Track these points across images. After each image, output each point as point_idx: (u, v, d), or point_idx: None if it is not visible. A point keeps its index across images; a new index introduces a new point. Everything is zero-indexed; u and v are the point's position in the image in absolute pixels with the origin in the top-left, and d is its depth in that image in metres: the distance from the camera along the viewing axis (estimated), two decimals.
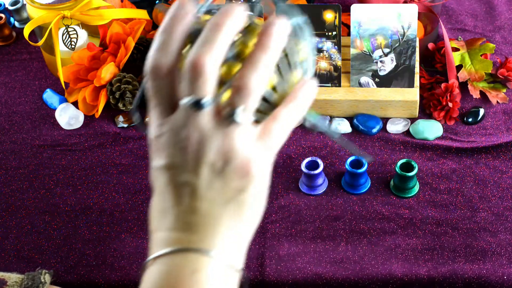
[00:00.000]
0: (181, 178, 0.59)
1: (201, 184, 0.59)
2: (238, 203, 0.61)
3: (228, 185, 0.60)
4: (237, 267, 0.61)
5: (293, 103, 0.61)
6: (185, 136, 0.59)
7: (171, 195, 0.59)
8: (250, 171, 0.60)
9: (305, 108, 0.61)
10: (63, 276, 0.92)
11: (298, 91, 0.61)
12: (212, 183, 0.59)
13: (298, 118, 0.62)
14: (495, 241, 0.92)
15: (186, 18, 0.60)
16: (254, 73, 0.58)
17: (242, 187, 0.60)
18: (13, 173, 1.04)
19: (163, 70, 0.59)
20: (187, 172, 0.59)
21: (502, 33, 1.17)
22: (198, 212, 0.59)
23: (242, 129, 0.59)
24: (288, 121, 0.61)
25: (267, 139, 0.61)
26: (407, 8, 1.00)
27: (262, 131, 0.60)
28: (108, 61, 1.07)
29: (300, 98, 0.61)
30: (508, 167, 0.99)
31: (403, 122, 1.05)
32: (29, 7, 1.09)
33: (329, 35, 1.02)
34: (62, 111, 1.09)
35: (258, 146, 0.60)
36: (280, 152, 1.04)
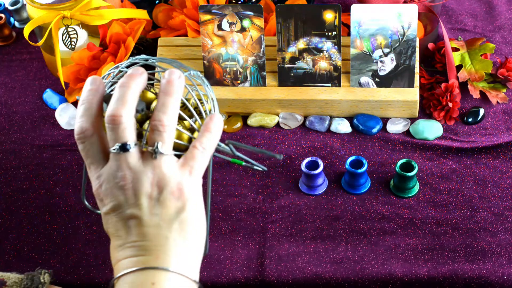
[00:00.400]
0: (126, 213, 0.70)
1: (144, 213, 0.70)
2: (181, 222, 0.71)
3: (168, 208, 0.70)
4: (192, 278, 0.71)
5: (207, 133, 0.73)
6: (120, 177, 0.70)
7: (122, 230, 0.71)
8: (183, 192, 0.71)
9: (217, 136, 0.74)
10: (63, 276, 0.92)
11: (209, 123, 0.74)
12: (154, 210, 0.70)
13: (213, 145, 0.74)
14: (495, 241, 0.92)
15: (99, 89, 0.73)
16: (164, 113, 0.71)
17: (181, 207, 0.71)
18: (13, 173, 1.04)
19: (88, 132, 0.72)
20: (130, 207, 0.70)
21: (502, 33, 1.17)
22: (147, 237, 0.70)
23: (167, 159, 0.71)
24: (206, 148, 0.73)
25: (190, 164, 0.72)
26: (407, 8, 1.00)
27: (184, 159, 0.72)
28: (108, 61, 1.07)
29: (212, 128, 0.74)
30: (508, 167, 0.99)
31: (403, 122, 1.05)
32: (29, 7, 1.09)
33: (329, 35, 1.02)
34: (62, 111, 1.09)
35: (184, 171, 0.72)
36: (280, 152, 1.04)
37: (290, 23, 1.03)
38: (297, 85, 1.06)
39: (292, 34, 1.03)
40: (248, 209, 0.97)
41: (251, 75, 1.06)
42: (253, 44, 1.04)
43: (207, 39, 1.05)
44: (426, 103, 1.07)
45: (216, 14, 1.03)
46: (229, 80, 1.07)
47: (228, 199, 0.98)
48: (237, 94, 1.06)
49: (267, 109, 1.07)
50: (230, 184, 1.00)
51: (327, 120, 1.06)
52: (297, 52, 1.04)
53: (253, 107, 1.07)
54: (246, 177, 1.01)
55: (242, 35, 1.04)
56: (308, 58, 1.04)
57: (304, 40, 1.03)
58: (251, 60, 1.05)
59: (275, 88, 1.06)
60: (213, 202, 0.98)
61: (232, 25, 1.03)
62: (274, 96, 1.05)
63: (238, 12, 1.02)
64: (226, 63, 1.06)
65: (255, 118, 1.07)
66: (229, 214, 0.97)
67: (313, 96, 1.05)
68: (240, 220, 0.96)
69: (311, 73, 1.05)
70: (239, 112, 1.07)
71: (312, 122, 1.06)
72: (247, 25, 1.03)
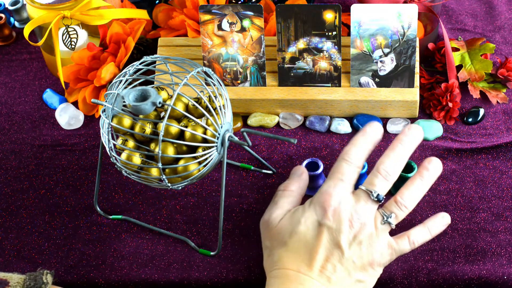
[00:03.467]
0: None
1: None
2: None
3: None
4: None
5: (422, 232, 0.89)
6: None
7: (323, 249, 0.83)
8: (373, 265, 0.84)
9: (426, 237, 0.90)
10: (63, 276, 0.92)
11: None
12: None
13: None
14: (495, 241, 0.92)
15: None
16: (409, 197, 0.86)
17: (364, 277, 0.84)
18: (13, 173, 1.04)
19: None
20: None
21: (502, 33, 1.17)
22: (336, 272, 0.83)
23: (387, 230, 0.86)
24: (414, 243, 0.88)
25: (395, 250, 0.87)
26: (407, 8, 1.00)
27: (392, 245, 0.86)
28: (108, 61, 1.07)
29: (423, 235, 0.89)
30: (508, 167, 0.99)
31: (403, 122, 1.05)
32: (29, 7, 1.09)
33: (329, 35, 1.02)
34: (62, 111, 1.09)
35: (387, 252, 0.86)
36: (280, 152, 1.05)
37: (290, 23, 1.03)
38: (297, 85, 1.06)
39: (292, 34, 1.03)
40: (249, 209, 0.97)
41: (251, 75, 1.06)
42: (253, 44, 1.04)
43: (207, 39, 1.05)
44: (426, 103, 1.07)
45: (216, 14, 1.03)
46: (229, 80, 1.07)
47: (229, 200, 0.98)
48: (237, 94, 1.06)
49: (267, 109, 1.07)
50: (231, 184, 1.00)
51: (327, 120, 1.06)
52: (297, 52, 1.04)
53: (253, 107, 1.07)
54: (247, 177, 1.01)
55: (242, 35, 1.04)
56: (308, 58, 1.04)
57: (304, 40, 1.03)
58: (251, 60, 1.05)
59: (275, 88, 1.06)
60: (213, 202, 0.98)
61: (232, 25, 1.03)
62: (274, 96, 1.05)
63: (238, 12, 1.02)
64: (226, 63, 1.06)
65: (255, 118, 1.07)
66: (229, 214, 0.97)
67: (313, 96, 1.05)
68: (241, 221, 0.96)
69: (311, 73, 1.05)
70: (239, 112, 1.07)
71: (312, 122, 1.06)
72: (247, 25, 1.03)
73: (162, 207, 0.98)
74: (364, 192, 0.85)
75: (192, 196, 0.99)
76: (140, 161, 0.88)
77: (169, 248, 0.94)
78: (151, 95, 0.84)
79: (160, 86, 0.91)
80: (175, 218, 0.97)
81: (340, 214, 0.83)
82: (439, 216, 0.89)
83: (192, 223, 0.97)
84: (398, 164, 0.87)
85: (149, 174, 0.89)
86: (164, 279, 0.92)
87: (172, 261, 0.93)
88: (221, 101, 0.87)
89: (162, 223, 0.97)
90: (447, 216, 0.89)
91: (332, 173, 0.87)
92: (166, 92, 0.91)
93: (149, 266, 0.93)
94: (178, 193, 1.00)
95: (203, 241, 0.95)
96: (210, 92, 0.88)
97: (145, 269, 0.92)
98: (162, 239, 0.95)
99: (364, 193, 0.85)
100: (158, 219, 0.97)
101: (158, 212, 0.98)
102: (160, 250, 0.94)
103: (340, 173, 0.86)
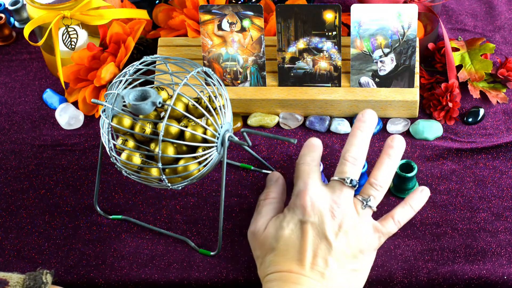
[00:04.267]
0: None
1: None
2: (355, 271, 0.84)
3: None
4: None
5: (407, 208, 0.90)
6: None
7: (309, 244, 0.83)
8: (363, 251, 0.85)
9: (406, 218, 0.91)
10: (63, 276, 0.92)
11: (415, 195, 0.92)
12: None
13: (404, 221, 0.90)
14: (495, 241, 0.92)
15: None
16: (382, 174, 0.88)
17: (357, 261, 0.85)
18: (13, 173, 1.04)
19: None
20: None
21: (502, 33, 1.17)
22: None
23: (368, 212, 0.87)
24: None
25: (383, 232, 0.87)
26: (407, 8, 1.00)
27: (377, 229, 0.87)
28: (108, 61, 1.07)
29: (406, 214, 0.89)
30: (508, 167, 0.99)
31: (403, 122, 1.05)
32: (29, 7, 1.09)
33: (329, 35, 1.02)
34: (62, 111, 1.09)
35: (375, 235, 0.87)
36: (280, 152, 1.04)
37: (290, 23, 1.03)
38: (297, 85, 1.06)
39: (292, 34, 1.03)
40: (249, 209, 0.97)
41: (251, 75, 1.06)
42: (253, 44, 1.04)
43: (207, 39, 1.05)
44: (426, 103, 1.07)
45: (216, 14, 1.03)
46: (229, 80, 1.07)
47: (229, 199, 0.98)
48: (237, 94, 1.06)
49: (267, 109, 1.07)
50: (231, 184, 1.00)
51: (327, 120, 1.06)
52: (297, 52, 1.04)
53: (253, 107, 1.07)
54: (247, 177, 1.01)
55: (242, 35, 1.04)
56: (308, 58, 1.04)
57: (304, 40, 1.03)
58: (251, 60, 1.05)
59: (275, 88, 1.06)
60: (213, 202, 0.98)
61: (232, 25, 1.03)
62: (274, 96, 1.05)
63: (238, 12, 1.02)
64: (226, 63, 1.06)
65: (255, 118, 1.07)
66: (229, 214, 0.97)
67: (313, 96, 1.05)
68: (241, 220, 0.96)
69: (311, 73, 1.05)
70: (239, 112, 1.07)
71: (312, 122, 1.06)
72: (247, 25, 1.03)
73: (162, 207, 0.98)
74: (337, 181, 0.86)
75: (192, 196, 0.99)
76: (140, 161, 0.88)
77: (169, 248, 0.94)
78: (151, 95, 0.84)
79: (160, 86, 0.91)
80: (175, 218, 0.97)
81: (319, 207, 0.84)
82: (418, 190, 0.90)
83: (192, 223, 0.97)
84: (362, 149, 0.88)
85: (149, 174, 0.89)
86: (164, 279, 0.92)
87: (172, 261, 0.93)
88: (221, 101, 0.87)
89: (162, 223, 0.97)
90: (426, 189, 0.90)
91: (297, 176, 0.88)
92: (166, 92, 0.91)
93: (149, 266, 0.93)
94: (178, 193, 1.00)
95: (203, 241, 0.95)
96: (210, 92, 0.88)
97: (145, 269, 0.92)
98: (162, 239, 0.95)
99: (337, 182, 0.86)
100: (158, 219, 0.97)
101: (158, 212, 0.98)
102: (160, 250, 0.94)
103: (305, 172, 0.88)
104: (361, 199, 0.86)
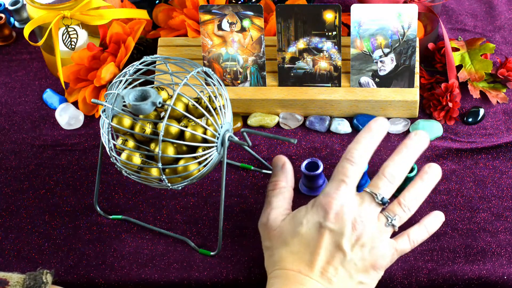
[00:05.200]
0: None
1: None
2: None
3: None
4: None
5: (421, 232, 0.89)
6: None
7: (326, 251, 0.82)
8: (376, 267, 0.84)
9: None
10: (63, 276, 0.92)
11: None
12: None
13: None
14: (495, 241, 0.92)
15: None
16: (411, 199, 0.87)
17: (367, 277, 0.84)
18: (13, 173, 1.04)
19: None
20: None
21: (502, 33, 1.17)
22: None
23: (389, 232, 0.85)
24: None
25: (398, 250, 0.86)
26: (407, 8, 1.00)
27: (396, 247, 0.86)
28: (108, 61, 1.07)
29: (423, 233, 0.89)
30: (508, 167, 0.99)
31: (403, 122, 1.05)
32: (29, 7, 1.09)
33: (329, 35, 1.02)
34: (62, 111, 1.09)
35: (391, 251, 0.85)
36: (280, 152, 1.05)
37: (290, 23, 1.03)
38: (297, 85, 1.06)
39: (292, 34, 1.03)
40: (249, 209, 0.97)
41: (251, 75, 1.06)
42: (253, 44, 1.04)
43: (207, 39, 1.05)
44: (426, 103, 1.07)
45: (216, 14, 1.03)
46: (229, 80, 1.07)
47: (229, 199, 0.98)
48: (237, 94, 1.06)
49: (267, 109, 1.07)
50: (231, 184, 1.00)
51: (327, 120, 1.06)
52: (297, 52, 1.04)
53: (253, 107, 1.07)
54: (247, 177, 1.01)
55: (242, 35, 1.04)
56: (308, 58, 1.04)
57: (304, 40, 1.03)
58: (251, 60, 1.05)
59: (275, 88, 1.06)
60: (213, 202, 0.98)
61: (232, 25, 1.03)
62: (274, 96, 1.05)
63: (238, 12, 1.02)
64: (226, 63, 1.06)
65: (255, 118, 1.07)
66: (229, 214, 0.97)
67: (313, 96, 1.05)
68: (241, 220, 0.96)
69: (311, 73, 1.05)
70: (239, 112, 1.07)
71: (312, 122, 1.06)
72: (247, 25, 1.03)
73: (162, 207, 0.98)
74: (368, 194, 0.85)
75: (192, 196, 0.99)
76: (140, 161, 0.88)
77: (169, 248, 0.94)
78: (151, 95, 0.84)
79: (160, 86, 0.91)
80: (175, 218, 0.97)
81: (343, 216, 0.83)
82: (434, 214, 0.89)
83: (192, 223, 0.97)
84: (403, 168, 0.87)
85: (149, 174, 0.89)
86: (164, 279, 0.92)
87: (172, 261, 0.93)
88: (221, 101, 0.87)
89: (162, 223, 0.97)
90: (441, 214, 0.89)
91: (335, 174, 0.86)
92: (166, 92, 0.91)
93: (149, 266, 0.93)
94: (178, 193, 1.00)
95: (203, 241, 0.95)
96: (210, 92, 0.88)
97: (145, 269, 0.92)
98: (162, 239, 0.95)
99: (368, 195, 0.85)
100: (158, 219, 0.97)
101: (158, 212, 0.98)
102: (160, 250, 0.94)
103: (343, 174, 0.85)
104: (387, 215, 0.85)
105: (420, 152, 0.88)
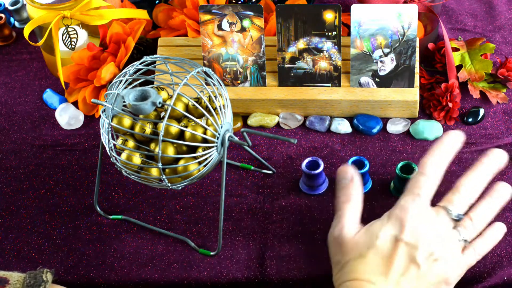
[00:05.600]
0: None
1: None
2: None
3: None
4: None
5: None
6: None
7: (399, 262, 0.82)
8: (448, 282, 0.83)
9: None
10: (63, 276, 0.92)
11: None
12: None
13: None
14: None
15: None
16: (478, 223, 0.85)
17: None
18: (13, 173, 1.04)
19: None
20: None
21: (502, 33, 1.17)
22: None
23: (461, 246, 0.84)
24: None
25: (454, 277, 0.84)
26: (407, 8, 1.00)
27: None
28: (108, 61, 1.07)
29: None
30: (508, 167, 0.99)
31: (403, 122, 1.05)
32: (29, 7, 1.09)
33: (329, 35, 1.02)
34: (62, 111, 1.09)
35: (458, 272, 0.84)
36: (280, 152, 1.04)
37: (290, 23, 1.03)
38: (297, 85, 1.06)
39: (292, 34, 1.03)
40: (249, 209, 0.97)
41: (251, 75, 1.06)
42: (253, 44, 1.04)
43: (207, 39, 1.05)
44: (426, 103, 1.07)
45: (216, 14, 1.03)
46: (229, 80, 1.07)
47: (229, 199, 0.98)
48: (237, 94, 1.06)
49: (267, 109, 1.07)
50: (231, 184, 1.00)
51: (327, 120, 1.06)
52: (297, 52, 1.04)
53: (253, 107, 1.07)
54: (247, 177, 1.01)
55: (242, 35, 1.04)
56: (308, 58, 1.04)
57: (304, 40, 1.03)
58: (251, 60, 1.05)
59: (275, 88, 1.06)
60: (213, 202, 0.98)
61: (232, 25, 1.03)
62: (274, 96, 1.05)
63: (238, 12, 1.02)
64: (226, 63, 1.06)
65: (255, 118, 1.07)
66: (229, 214, 0.97)
67: (313, 96, 1.05)
68: (241, 220, 0.96)
69: (311, 73, 1.05)
70: (239, 112, 1.07)
71: (312, 122, 1.06)
72: (247, 25, 1.03)
73: (162, 207, 0.98)
74: (443, 209, 0.85)
75: (192, 196, 0.99)
76: (140, 161, 0.88)
77: (169, 248, 0.94)
78: (151, 95, 0.84)
79: (160, 86, 0.91)
80: (175, 218, 0.97)
81: (418, 231, 0.82)
82: (496, 226, 0.88)
83: (192, 223, 0.97)
84: (478, 185, 0.86)
85: (149, 174, 0.89)
86: (164, 279, 0.92)
87: (172, 261, 0.93)
88: (221, 101, 0.87)
89: (162, 223, 0.97)
90: (503, 225, 0.88)
91: (409, 187, 0.86)
92: (166, 92, 0.91)
93: (149, 266, 0.93)
94: (178, 193, 1.00)
95: (203, 241, 0.95)
96: (210, 92, 0.88)
97: (145, 269, 0.92)
98: (162, 239, 0.95)
99: (443, 210, 0.85)
100: (158, 219, 0.97)
101: (158, 212, 0.98)
102: (160, 250, 0.94)
103: (417, 187, 0.85)
104: (459, 230, 0.84)
105: (497, 169, 0.88)
